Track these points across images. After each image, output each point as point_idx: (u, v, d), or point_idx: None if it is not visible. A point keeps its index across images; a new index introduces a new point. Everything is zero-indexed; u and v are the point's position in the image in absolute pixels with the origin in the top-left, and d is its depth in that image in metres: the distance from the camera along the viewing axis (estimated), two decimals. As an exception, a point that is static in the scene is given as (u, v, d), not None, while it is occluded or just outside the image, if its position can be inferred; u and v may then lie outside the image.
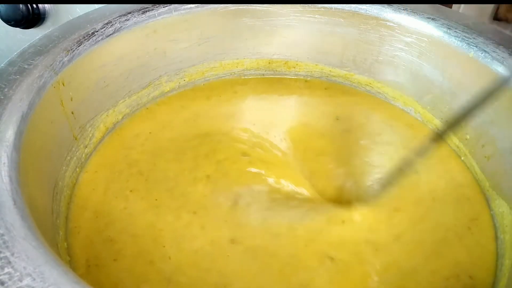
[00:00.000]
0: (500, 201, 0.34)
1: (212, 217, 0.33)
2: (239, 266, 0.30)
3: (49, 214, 0.29)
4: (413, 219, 0.34)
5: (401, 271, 0.30)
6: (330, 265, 0.30)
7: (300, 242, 0.32)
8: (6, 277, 0.19)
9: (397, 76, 0.45)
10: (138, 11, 0.39)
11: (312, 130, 0.42)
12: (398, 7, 0.42)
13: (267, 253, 0.31)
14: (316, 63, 0.49)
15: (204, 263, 0.30)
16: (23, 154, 0.26)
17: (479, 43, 0.36)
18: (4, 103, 0.27)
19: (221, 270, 0.30)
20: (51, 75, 0.31)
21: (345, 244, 0.32)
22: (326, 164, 0.39)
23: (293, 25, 0.46)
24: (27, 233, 0.21)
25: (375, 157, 0.39)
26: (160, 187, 0.35)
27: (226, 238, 0.32)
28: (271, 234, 0.32)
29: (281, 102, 0.47)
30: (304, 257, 0.31)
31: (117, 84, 0.40)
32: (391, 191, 0.33)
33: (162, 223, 0.33)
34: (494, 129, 0.36)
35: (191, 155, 0.38)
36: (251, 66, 0.49)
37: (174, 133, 0.41)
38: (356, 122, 0.43)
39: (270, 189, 0.36)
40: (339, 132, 0.42)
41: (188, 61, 0.45)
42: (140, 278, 0.29)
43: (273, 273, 0.30)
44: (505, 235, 0.32)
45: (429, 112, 0.43)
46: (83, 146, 0.37)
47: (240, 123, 0.43)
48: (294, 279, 0.29)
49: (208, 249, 0.31)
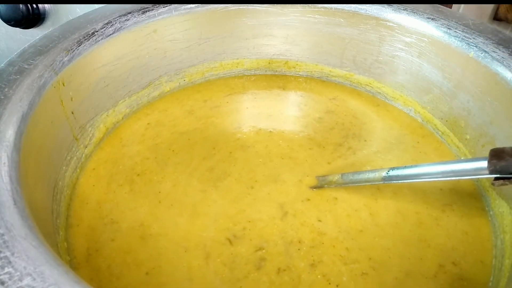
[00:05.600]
0: (500, 201, 0.34)
1: (208, 211, 0.34)
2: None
3: (49, 214, 0.29)
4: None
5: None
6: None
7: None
8: (6, 277, 0.19)
9: (397, 76, 0.45)
10: (138, 11, 0.39)
11: (311, 129, 0.42)
12: (398, 7, 0.42)
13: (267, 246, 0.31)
14: (316, 63, 0.49)
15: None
16: (23, 154, 0.26)
17: (479, 43, 0.36)
18: (4, 103, 0.27)
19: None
20: (51, 75, 0.31)
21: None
22: (317, 158, 0.39)
23: (293, 25, 0.46)
24: (27, 232, 0.21)
25: (372, 156, 0.39)
26: (160, 186, 0.36)
27: (221, 228, 0.33)
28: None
29: (280, 102, 0.47)
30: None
31: (117, 84, 0.40)
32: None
33: (160, 215, 0.33)
34: (494, 129, 0.36)
35: (191, 154, 0.39)
36: (251, 66, 0.49)
37: (175, 133, 0.41)
38: (356, 122, 0.43)
39: (270, 188, 0.36)
40: (338, 131, 0.42)
41: (188, 61, 0.45)
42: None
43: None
44: (505, 235, 0.32)
45: (429, 112, 0.43)
46: (83, 146, 0.37)
47: (240, 123, 0.43)
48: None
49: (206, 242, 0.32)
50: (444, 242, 0.32)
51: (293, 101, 0.47)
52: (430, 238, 0.33)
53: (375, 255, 0.31)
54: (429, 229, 0.33)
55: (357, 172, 0.35)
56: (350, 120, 0.44)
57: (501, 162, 0.25)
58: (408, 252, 0.32)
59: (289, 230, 0.33)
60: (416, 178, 0.31)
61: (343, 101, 0.46)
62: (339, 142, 0.41)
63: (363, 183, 0.35)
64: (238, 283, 0.29)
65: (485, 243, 0.33)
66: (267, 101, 0.46)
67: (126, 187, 0.35)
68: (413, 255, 0.31)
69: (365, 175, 0.34)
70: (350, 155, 0.39)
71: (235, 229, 0.33)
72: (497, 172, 0.25)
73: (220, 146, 0.40)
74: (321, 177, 0.37)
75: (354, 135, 0.42)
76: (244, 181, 0.36)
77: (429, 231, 0.33)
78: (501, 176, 0.26)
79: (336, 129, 0.42)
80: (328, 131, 0.42)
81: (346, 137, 0.41)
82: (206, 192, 0.35)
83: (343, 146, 0.40)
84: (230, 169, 0.37)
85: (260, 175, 0.37)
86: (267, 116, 0.44)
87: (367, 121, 0.44)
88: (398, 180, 0.32)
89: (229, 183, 0.36)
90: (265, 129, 0.42)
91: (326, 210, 0.34)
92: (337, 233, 0.33)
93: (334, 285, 0.29)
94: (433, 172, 0.30)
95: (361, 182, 0.34)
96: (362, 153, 0.40)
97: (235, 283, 0.29)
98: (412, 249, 0.32)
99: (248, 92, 0.47)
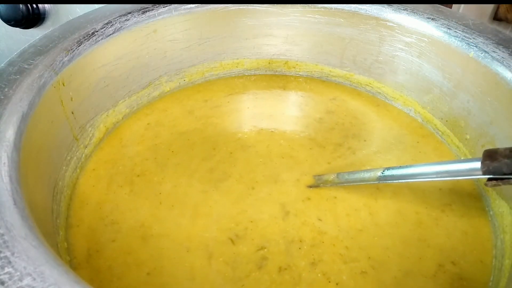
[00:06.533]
0: (500, 201, 0.34)
1: (210, 212, 0.34)
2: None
3: (49, 214, 0.29)
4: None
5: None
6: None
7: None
8: (6, 277, 0.19)
9: (397, 76, 0.45)
10: (138, 11, 0.39)
11: (311, 129, 0.42)
12: (398, 7, 0.42)
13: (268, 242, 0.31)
14: (316, 63, 0.49)
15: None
16: (23, 154, 0.26)
17: (479, 43, 0.36)
18: (4, 103, 0.27)
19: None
20: (51, 75, 0.31)
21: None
22: (317, 158, 0.39)
23: (293, 25, 0.46)
24: (27, 232, 0.21)
25: (372, 156, 0.39)
26: (160, 187, 0.36)
27: (223, 229, 0.33)
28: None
29: (281, 102, 0.47)
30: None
31: (117, 84, 0.40)
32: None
33: (162, 216, 0.33)
34: (494, 129, 0.36)
35: (191, 154, 0.39)
36: (251, 66, 0.49)
37: (174, 133, 0.41)
38: (356, 122, 0.43)
39: (271, 188, 0.36)
40: (338, 132, 0.42)
41: (188, 61, 0.45)
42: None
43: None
44: (505, 235, 0.32)
45: (429, 112, 0.43)
46: (83, 146, 0.37)
47: (241, 123, 0.43)
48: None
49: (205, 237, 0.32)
50: (443, 242, 0.32)
51: (293, 101, 0.47)
52: (430, 237, 0.33)
53: (374, 254, 0.31)
54: (429, 229, 0.33)
55: (352, 172, 0.35)
56: (350, 120, 0.44)
57: (494, 163, 0.25)
58: (408, 251, 0.32)
59: (290, 230, 0.33)
60: (411, 178, 0.31)
61: (343, 101, 0.46)
62: (339, 142, 0.41)
63: (359, 183, 0.35)
64: (240, 282, 0.29)
65: (485, 243, 0.33)
66: (268, 101, 0.46)
67: (126, 188, 0.35)
68: (413, 254, 0.31)
69: (361, 174, 0.34)
70: (350, 155, 0.40)
71: (237, 229, 0.33)
72: (490, 173, 0.25)
73: (220, 146, 0.40)
74: (317, 176, 0.37)
75: (354, 135, 0.42)
76: (245, 182, 0.36)
77: (429, 230, 0.33)
78: (494, 177, 0.26)
79: (336, 129, 0.42)
80: (329, 131, 0.42)
81: (346, 137, 0.41)
82: (207, 193, 0.35)
83: (343, 146, 0.40)
84: (230, 170, 0.37)
85: (261, 175, 0.37)
86: (268, 116, 0.44)
87: (367, 121, 0.44)
88: (393, 180, 0.32)
89: (230, 183, 0.36)
90: (267, 129, 0.42)
91: (326, 209, 0.34)
92: (337, 232, 0.33)
93: (334, 284, 0.29)
94: (428, 172, 0.30)
95: (356, 181, 0.35)
96: (362, 153, 0.40)
97: (237, 282, 0.29)
98: (412, 249, 0.32)
99: (248, 92, 0.47)
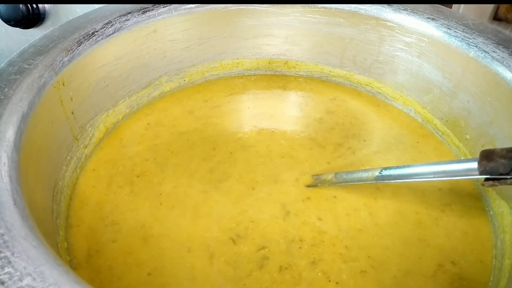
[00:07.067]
0: (500, 201, 0.34)
1: (210, 212, 0.34)
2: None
3: (49, 214, 0.29)
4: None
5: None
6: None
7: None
8: (6, 277, 0.19)
9: (397, 76, 0.45)
10: (138, 11, 0.39)
11: (312, 129, 0.42)
12: (398, 7, 0.42)
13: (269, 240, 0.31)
14: (316, 63, 0.49)
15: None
16: (23, 154, 0.26)
17: (479, 43, 0.36)
18: (4, 103, 0.27)
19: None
20: (51, 75, 0.31)
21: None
22: (317, 158, 0.39)
23: (293, 25, 0.46)
24: (27, 233, 0.21)
25: (372, 156, 0.39)
26: (160, 188, 0.36)
27: (224, 229, 0.33)
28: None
29: (281, 102, 0.47)
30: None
31: (117, 84, 0.40)
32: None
33: (162, 216, 0.33)
34: (494, 129, 0.36)
35: (191, 154, 0.39)
36: (251, 66, 0.49)
37: (174, 133, 0.41)
38: (356, 122, 0.43)
39: (271, 188, 0.36)
40: (338, 132, 0.42)
41: (188, 61, 0.45)
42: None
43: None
44: (505, 235, 0.32)
45: (429, 112, 0.43)
46: (83, 146, 0.37)
47: (241, 123, 0.43)
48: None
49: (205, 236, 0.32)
50: (443, 242, 0.32)
51: (294, 101, 0.47)
52: (430, 237, 0.33)
53: (374, 254, 0.31)
54: (429, 229, 0.33)
55: (350, 172, 0.35)
56: (350, 120, 0.44)
57: (491, 163, 0.25)
58: (407, 251, 0.32)
59: (290, 229, 0.33)
60: (408, 178, 0.31)
61: (343, 101, 0.46)
62: (339, 142, 0.41)
63: (356, 182, 0.35)
64: (241, 282, 0.29)
65: (485, 243, 0.33)
66: (268, 101, 0.46)
67: (126, 189, 0.35)
68: (412, 254, 0.32)
69: (358, 174, 0.34)
70: (349, 155, 0.40)
71: (238, 229, 0.33)
72: (486, 173, 0.26)
73: (220, 146, 0.40)
74: (316, 176, 0.37)
75: (354, 135, 0.42)
76: (245, 182, 0.36)
77: (429, 230, 0.33)
78: (491, 177, 0.26)
79: (336, 129, 0.42)
80: (329, 131, 0.42)
81: (346, 137, 0.41)
82: (207, 193, 0.35)
83: (343, 146, 0.40)
84: (230, 170, 0.37)
85: (261, 175, 0.37)
86: (268, 116, 0.44)
87: (367, 121, 0.44)
88: (390, 180, 0.32)
89: (230, 183, 0.36)
90: (267, 129, 0.42)
91: (326, 209, 0.34)
92: (337, 232, 0.33)
93: (334, 283, 0.29)
94: (425, 172, 0.30)
95: (354, 181, 0.35)
96: (361, 153, 0.40)
97: (238, 281, 0.29)
98: (411, 249, 0.32)
99: (248, 92, 0.47)
